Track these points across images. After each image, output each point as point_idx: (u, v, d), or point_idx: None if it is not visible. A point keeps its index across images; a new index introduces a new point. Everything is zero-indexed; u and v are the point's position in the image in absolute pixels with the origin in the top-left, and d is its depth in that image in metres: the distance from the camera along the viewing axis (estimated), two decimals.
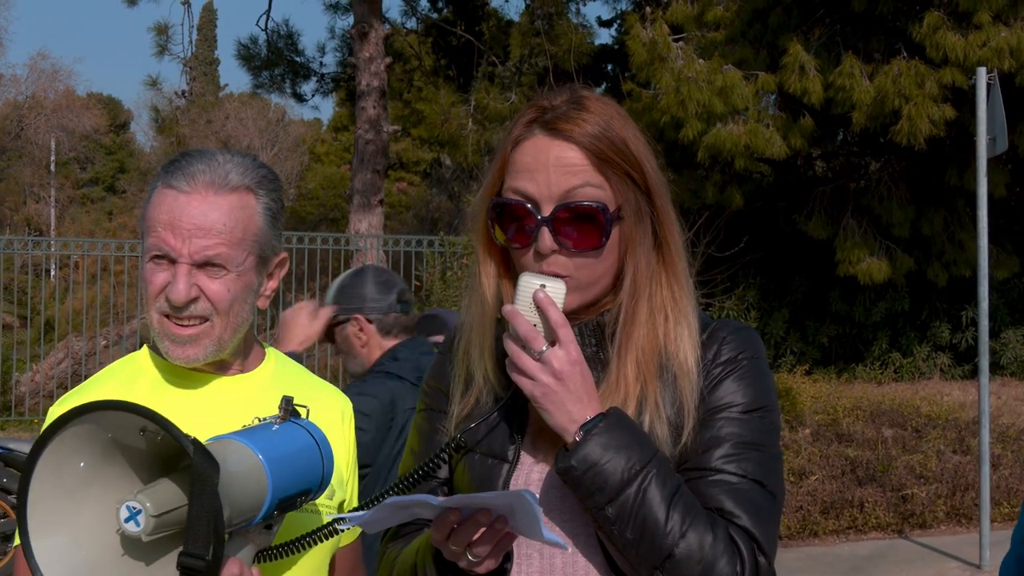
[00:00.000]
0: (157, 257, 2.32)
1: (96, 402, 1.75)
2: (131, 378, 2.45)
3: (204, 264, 2.30)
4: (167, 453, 1.80)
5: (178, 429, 1.70)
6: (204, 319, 2.34)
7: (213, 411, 2.36)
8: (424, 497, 1.85)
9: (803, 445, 11.49)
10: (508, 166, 2.14)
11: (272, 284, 2.48)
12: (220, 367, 2.46)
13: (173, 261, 2.30)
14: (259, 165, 2.44)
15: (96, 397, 2.21)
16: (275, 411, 2.08)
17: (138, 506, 1.72)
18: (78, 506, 1.80)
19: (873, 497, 10.57)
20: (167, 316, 2.34)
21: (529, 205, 2.08)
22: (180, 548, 1.75)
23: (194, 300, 2.31)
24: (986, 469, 9.36)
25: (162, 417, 1.71)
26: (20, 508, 1.76)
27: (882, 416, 12.59)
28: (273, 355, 2.63)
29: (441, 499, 1.84)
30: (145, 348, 2.51)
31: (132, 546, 1.81)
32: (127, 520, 1.72)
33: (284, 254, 2.50)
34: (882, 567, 9.52)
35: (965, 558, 9.56)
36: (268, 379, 2.54)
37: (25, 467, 1.76)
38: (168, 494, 1.76)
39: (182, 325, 2.34)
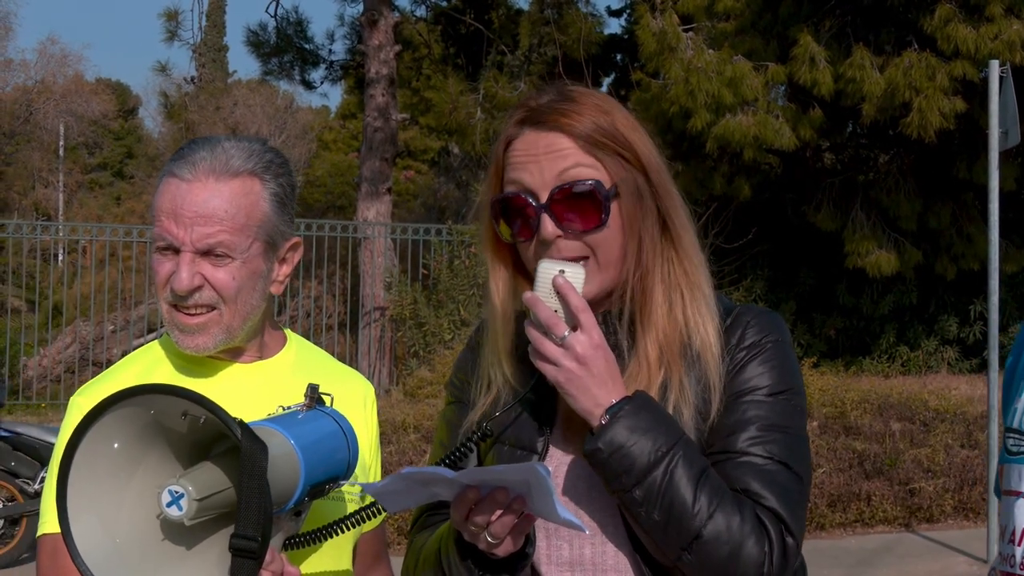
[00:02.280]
0: (162, 248, 2.31)
1: (142, 386, 1.76)
2: (150, 366, 2.45)
3: (207, 252, 2.29)
4: (203, 438, 1.82)
5: (224, 411, 1.71)
6: (211, 308, 2.33)
7: (233, 398, 2.34)
8: (439, 470, 1.85)
9: (810, 438, 11.46)
10: (504, 166, 2.16)
11: (285, 270, 2.46)
12: (235, 354, 2.46)
13: (177, 250, 2.29)
14: (266, 149, 2.42)
15: (116, 385, 2.22)
16: (298, 398, 2.08)
17: (180, 490, 1.73)
18: (117, 490, 1.80)
19: (880, 491, 10.57)
20: (175, 306, 2.33)
21: (528, 197, 2.10)
22: (221, 531, 1.77)
23: (198, 289, 2.30)
24: (994, 464, 9.34)
25: (208, 399, 1.72)
26: (60, 493, 1.76)
27: (890, 409, 12.57)
28: (295, 341, 2.62)
29: (456, 472, 1.84)
30: (165, 336, 2.51)
31: (172, 530, 1.81)
32: (169, 504, 1.73)
33: (297, 239, 2.48)
34: (889, 561, 9.52)
35: (972, 553, 9.56)
36: (289, 365, 2.53)
37: (65, 452, 1.76)
38: (210, 478, 1.77)
39: (189, 314, 2.33)
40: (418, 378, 14.23)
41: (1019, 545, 2.18)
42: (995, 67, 9.61)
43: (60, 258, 35.01)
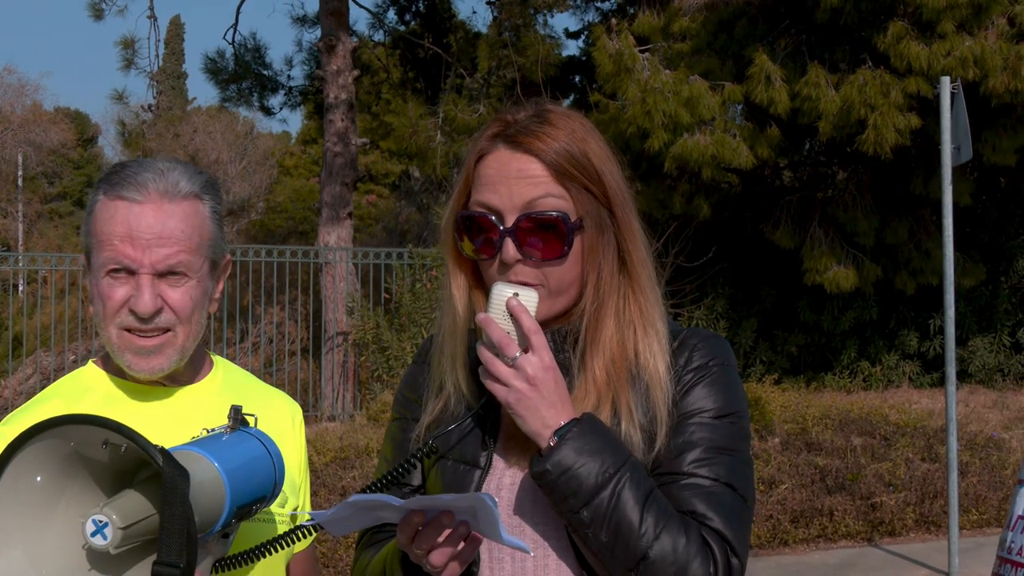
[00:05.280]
0: (114, 271, 2.30)
1: (58, 417, 1.74)
2: (77, 395, 2.44)
3: (165, 273, 2.30)
4: (126, 466, 1.80)
5: (144, 438, 1.69)
6: (166, 329, 2.33)
7: (165, 424, 2.35)
8: (386, 497, 1.87)
9: (772, 454, 11.52)
10: (473, 179, 2.18)
11: (220, 287, 2.49)
12: (170, 379, 2.46)
13: (132, 273, 2.29)
14: (199, 171, 2.44)
15: (42, 414, 2.21)
16: (221, 421, 2.09)
17: (104, 519, 1.71)
18: (40, 523, 1.79)
19: (843, 505, 10.61)
20: (128, 330, 2.32)
21: (493, 217, 2.12)
22: (147, 559, 1.75)
23: (159, 311, 2.30)
24: (954, 476, 9.41)
25: (127, 427, 1.70)
26: None
27: (851, 425, 12.63)
28: (221, 364, 2.63)
29: (403, 500, 1.85)
30: (91, 364, 2.50)
31: (98, 560, 1.80)
32: (93, 534, 1.71)
33: (228, 256, 2.51)
34: (852, 575, 9.55)
35: (934, 565, 9.61)
36: (217, 389, 2.54)
37: None
38: (134, 505, 1.76)
39: (145, 336, 2.33)
40: (381, 402, 14.21)
41: (1011, 530, 2.24)
42: (946, 83, 9.70)
43: (20, 288, 34.78)
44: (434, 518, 1.90)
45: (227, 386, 2.57)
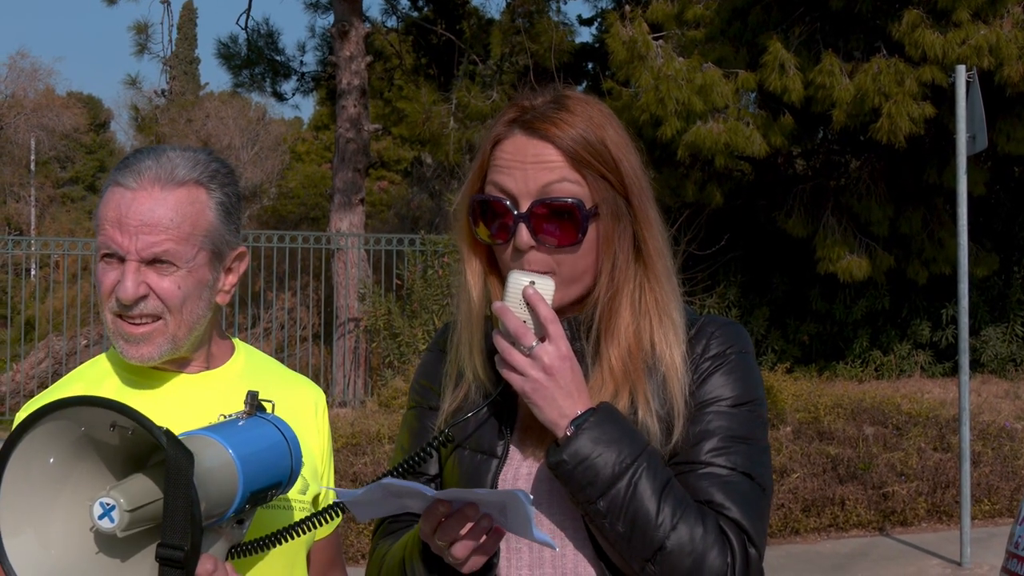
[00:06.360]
0: (107, 256, 2.31)
1: (66, 398, 1.74)
2: (97, 380, 2.44)
3: (153, 261, 2.29)
4: (139, 449, 1.80)
5: (150, 420, 1.69)
6: (156, 317, 2.32)
7: (181, 410, 2.35)
8: (418, 486, 1.86)
9: (784, 443, 11.50)
10: (489, 164, 2.16)
11: (231, 279, 2.46)
12: (182, 364, 2.45)
13: (122, 259, 2.29)
14: (212, 159, 2.42)
15: None
16: (242, 407, 2.08)
17: (111, 502, 1.71)
18: (50, 505, 1.79)
19: (854, 495, 10.59)
20: (119, 316, 2.33)
21: (507, 202, 2.10)
22: (156, 543, 1.74)
23: (143, 298, 2.30)
24: (967, 466, 9.39)
25: (133, 409, 1.70)
26: None
27: (863, 414, 12.61)
28: (243, 350, 2.61)
29: (435, 491, 1.85)
30: (112, 350, 2.50)
31: (107, 543, 1.80)
32: (101, 517, 1.71)
33: (243, 249, 2.48)
34: (863, 565, 9.54)
35: (946, 555, 9.59)
36: (237, 374, 2.53)
37: None
38: (142, 489, 1.76)
39: (134, 324, 2.33)
40: (393, 388, 14.21)
41: (1021, 524, 2.24)
42: (962, 72, 9.66)
43: (33, 273, 34.84)
44: (458, 510, 1.89)
45: (248, 372, 2.56)
